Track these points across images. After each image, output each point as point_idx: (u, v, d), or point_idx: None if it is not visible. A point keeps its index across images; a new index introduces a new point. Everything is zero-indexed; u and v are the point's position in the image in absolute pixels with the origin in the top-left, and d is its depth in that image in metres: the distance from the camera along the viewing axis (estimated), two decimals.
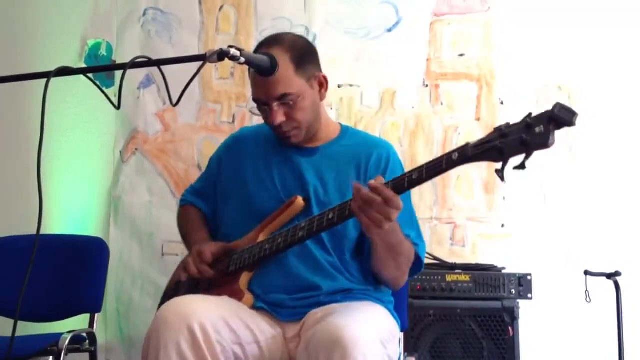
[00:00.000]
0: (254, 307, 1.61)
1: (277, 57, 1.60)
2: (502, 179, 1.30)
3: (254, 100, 1.68)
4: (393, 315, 1.68)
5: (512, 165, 1.30)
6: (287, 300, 1.61)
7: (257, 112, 1.78)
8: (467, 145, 1.36)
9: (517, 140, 1.28)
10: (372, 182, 1.41)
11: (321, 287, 1.62)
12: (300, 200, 1.66)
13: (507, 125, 1.32)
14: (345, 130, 1.82)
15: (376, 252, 1.57)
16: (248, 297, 1.61)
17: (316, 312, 1.54)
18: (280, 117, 1.64)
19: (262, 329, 1.55)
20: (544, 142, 1.26)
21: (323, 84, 1.73)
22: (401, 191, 1.42)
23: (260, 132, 1.85)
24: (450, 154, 1.37)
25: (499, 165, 1.31)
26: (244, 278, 1.65)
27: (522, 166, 1.28)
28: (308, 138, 1.74)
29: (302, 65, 1.65)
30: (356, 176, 1.71)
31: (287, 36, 1.73)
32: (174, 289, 1.79)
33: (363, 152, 1.75)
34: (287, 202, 1.67)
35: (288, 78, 1.62)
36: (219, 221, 1.85)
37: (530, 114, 1.30)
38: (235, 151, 1.85)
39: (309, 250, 1.65)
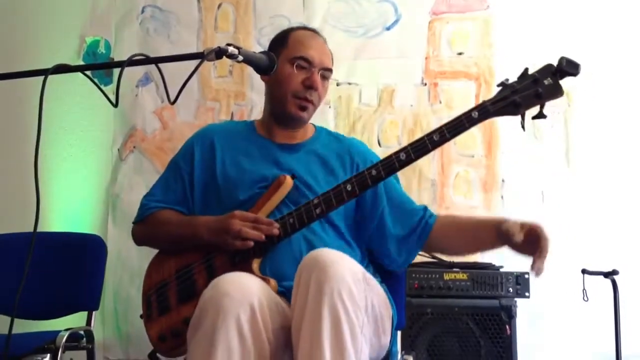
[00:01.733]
0: (277, 292, 1.56)
1: (322, 44, 1.77)
2: (523, 128, 1.47)
3: (300, 57, 1.71)
4: (387, 295, 1.66)
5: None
6: None
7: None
8: (484, 103, 1.48)
9: (532, 94, 1.43)
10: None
11: None
12: (289, 178, 1.64)
13: (508, 81, 1.46)
14: (319, 130, 1.86)
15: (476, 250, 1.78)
16: (273, 283, 1.55)
17: None
18: (319, 84, 1.72)
19: (287, 313, 1.49)
20: (556, 93, 1.43)
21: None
22: (424, 153, 1.51)
23: (233, 129, 1.85)
24: (469, 112, 1.49)
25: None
26: (256, 265, 1.59)
27: (541, 115, 1.45)
28: (301, 126, 1.78)
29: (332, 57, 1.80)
30: (342, 169, 1.74)
31: None
32: (160, 290, 1.70)
33: (343, 148, 1.80)
34: (276, 182, 1.64)
35: (331, 57, 1.79)
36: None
37: (527, 69, 1.46)
38: (207, 146, 1.78)
39: (316, 234, 1.63)
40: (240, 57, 1.37)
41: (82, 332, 2.24)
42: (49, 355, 2.08)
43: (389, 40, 2.90)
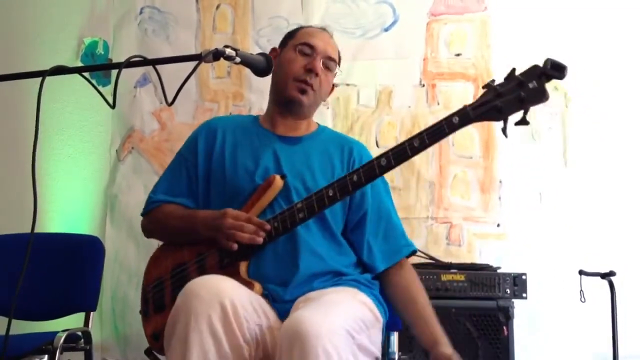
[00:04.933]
0: (262, 295, 1.58)
1: (328, 38, 1.80)
2: (505, 135, 1.38)
3: (305, 44, 1.75)
4: (378, 301, 1.66)
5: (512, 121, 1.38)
6: (284, 295, 1.59)
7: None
8: (465, 107, 1.41)
9: (515, 98, 1.36)
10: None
11: (314, 271, 1.61)
12: (278, 178, 1.64)
13: (494, 83, 1.39)
14: (322, 128, 1.88)
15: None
16: (258, 286, 1.57)
17: (297, 304, 1.52)
18: (319, 69, 1.73)
19: (269, 316, 1.52)
20: (541, 97, 1.35)
21: (333, 85, 1.86)
22: (404, 159, 1.49)
23: (239, 122, 1.86)
24: (450, 117, 1.43)
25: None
26: (243, 268, 1.60)
27: (524, 121, 1.36)
28: (303, 114, 1.78)
29: (339, 56, 1.83)
30: (340, 163, 1.75)
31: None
32: (156, 288, 1.73)
33: (344, 145, 1.80)
34: (266, 182, 1.64)
35: (337, 53, 1.82)
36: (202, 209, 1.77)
37: (514, 69, 1.37)
38: (210, 136, 1.80)
39: (298, 235, 1.63)
40: (238, 59, 1.37)
41: (79, 333, 2.24)
42: (46, 356, 2.08)
43: (387, 41, 2.90)
